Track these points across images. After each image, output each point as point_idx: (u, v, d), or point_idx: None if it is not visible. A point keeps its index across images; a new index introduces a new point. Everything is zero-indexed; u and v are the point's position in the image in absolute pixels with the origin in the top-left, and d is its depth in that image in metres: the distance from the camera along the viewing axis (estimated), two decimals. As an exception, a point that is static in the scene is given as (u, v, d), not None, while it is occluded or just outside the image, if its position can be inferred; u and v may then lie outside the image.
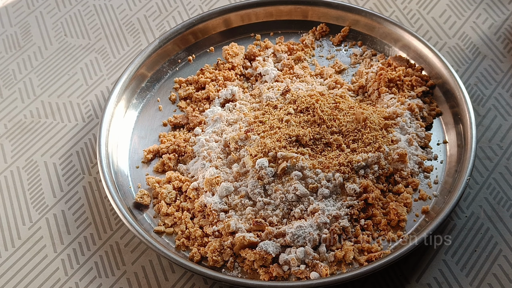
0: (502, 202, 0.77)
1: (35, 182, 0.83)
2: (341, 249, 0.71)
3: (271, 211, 0.73)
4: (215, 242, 0.72)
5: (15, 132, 0.89)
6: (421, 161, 0.78)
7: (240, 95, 0.86)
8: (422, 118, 0.82)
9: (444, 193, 0.76)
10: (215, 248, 0.71)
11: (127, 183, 0.80)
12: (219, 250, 0.72)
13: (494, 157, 0.81)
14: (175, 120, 0.85)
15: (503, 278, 0.72)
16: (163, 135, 0.84)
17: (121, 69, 0.93)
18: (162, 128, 0.85)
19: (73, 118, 0.89)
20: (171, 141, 0.82)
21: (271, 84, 0.86)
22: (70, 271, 0.75)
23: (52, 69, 0.95)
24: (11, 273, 0.76)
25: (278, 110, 0.81)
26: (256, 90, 0.87)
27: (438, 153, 0.80)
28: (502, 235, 0.75)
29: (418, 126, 0.81)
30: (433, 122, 0.83)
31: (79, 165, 0.84)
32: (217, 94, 0.86)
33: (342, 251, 0.71)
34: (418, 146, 0.79)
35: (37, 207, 0.81)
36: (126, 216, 0.73)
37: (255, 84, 0.88)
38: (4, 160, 0.86)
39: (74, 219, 0.79)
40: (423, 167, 0.78)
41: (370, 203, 0.74)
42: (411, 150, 0.78)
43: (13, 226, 0.79)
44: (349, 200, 0.74)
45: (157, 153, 0.82)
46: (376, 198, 0.74)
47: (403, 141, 0.78)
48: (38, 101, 0.92)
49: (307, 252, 0.70)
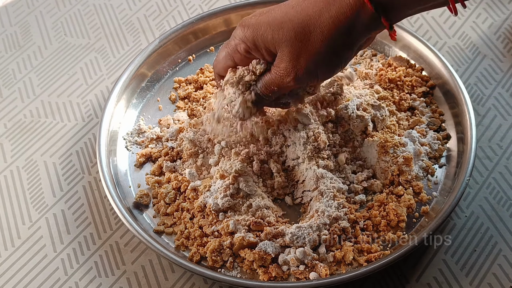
0: (502, 201, 0.77)
1: (35, 182, 0.83)
2: (340, 249, 0.71)
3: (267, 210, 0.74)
4: (214, 242, 0.72)
5: (15, 132, 0.88)
6: (426, 167, 0.78)
7: None
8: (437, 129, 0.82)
9: (444, 193, 0.76)
10: (215, 248, 0.71)
11: (127, 183, 0.80)
12: (219, 250, 0.72)
13: (494, 157, 0.81)
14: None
15: (503, 278, 0.72)
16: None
17: (121, 69, 0.93)
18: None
19: (73, 118, 0.89)
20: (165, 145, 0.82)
21: None
22: (70, 271, 0.75)
23: (52, 68, 0.95)
24: (11, 272, 0.76)
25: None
26: None
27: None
28: (502, 234, 0.75)
29: (435, 137, 0.80)
30: (441, 125, 0.82)
31: (79, 164, 0.84)
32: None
33: (341, 251, 0.71)
34: (425, 153, 0.79)
35: (36, 206, 0.81)
36: (125, 216, 0.73)
37: None
38: (4, 159, 0.86)
39: (74, 218, 0.79)
40: (430, 171, 0.78)
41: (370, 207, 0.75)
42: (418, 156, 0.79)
43: (13, 226, 0.80)
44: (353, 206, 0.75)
45: (150, 157, 0.82)
46: (378, 200, 0.75)
47: (410, 146, 0.78)
48: (38, 100, 0.92)
49: (306, 252, 0.70)
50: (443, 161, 0.79)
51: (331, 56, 0.65)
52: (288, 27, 0.64)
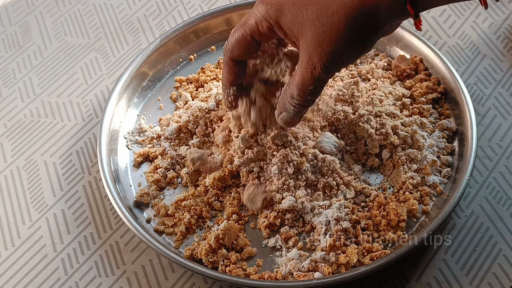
0: (502, 201, 0.77)
1: (35, 182, 0.83)
2: (344, 253, 0.71)
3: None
4: (204, 246, 0.72)
5: (15, 132, 0.89)
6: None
7: None
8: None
9: (444, 193, 0.76)
10: (207, 251, 0.72)
11: (128, 182, 0.80)
12: (211, 251, 0.72)
13: (494, 157, 0.81)
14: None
15: (503, 278, 0.72)
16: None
17: (121, 69, 0.94)
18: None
19: (73, 118, 0.90)
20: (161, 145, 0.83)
21: None
22: (70, 271, 0.75)
23: (51, 68, 0.96)
24: (11, 272, 0.76)
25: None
26: None
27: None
28: (502, 234, 0.75)
29: (440, 136, 0.80)
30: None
31: (79, 164, 0.85)
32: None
33: (346, 256, 0.70)
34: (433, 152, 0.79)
35: (36, 206, 0.81)
36: (126, 215, 0.73)
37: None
38: (4, 159, 0.86)
39: (74, 218, 0.80)
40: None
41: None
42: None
43: (13, 226, 0.80)
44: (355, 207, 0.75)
45: (147, 156, 0.82)
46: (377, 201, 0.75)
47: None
48: (38, 100, 0.92)
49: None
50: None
51: (355, 39, 0.62)
52: (312, 8, 0.62)
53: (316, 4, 0.61)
